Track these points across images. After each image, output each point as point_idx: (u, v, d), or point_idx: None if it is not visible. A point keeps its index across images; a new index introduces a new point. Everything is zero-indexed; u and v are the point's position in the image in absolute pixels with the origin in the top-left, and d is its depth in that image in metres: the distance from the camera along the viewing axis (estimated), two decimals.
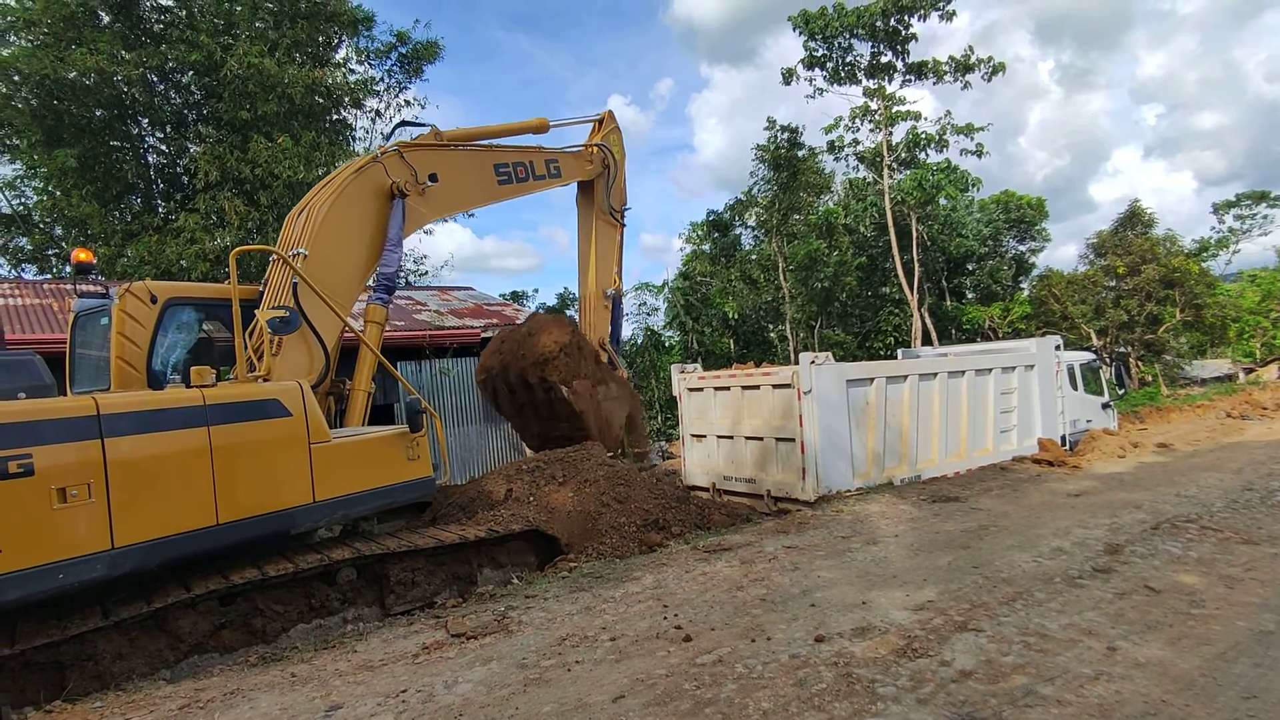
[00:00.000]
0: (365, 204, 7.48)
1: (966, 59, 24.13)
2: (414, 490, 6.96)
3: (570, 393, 9.33)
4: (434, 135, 8.57)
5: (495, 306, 18.56)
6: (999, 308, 32.28)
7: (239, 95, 15.02)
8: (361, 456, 6.44)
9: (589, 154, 10.45)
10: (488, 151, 9.09)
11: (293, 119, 15.86)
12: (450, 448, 14.83)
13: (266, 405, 5.76)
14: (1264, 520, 7.09)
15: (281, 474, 5.77)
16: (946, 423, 10.91)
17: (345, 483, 6.23)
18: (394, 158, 7.78)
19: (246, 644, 5.66)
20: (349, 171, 7.50)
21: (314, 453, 5.97)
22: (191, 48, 15.02)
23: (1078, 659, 4.07)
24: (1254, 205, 40.98)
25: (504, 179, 9.10)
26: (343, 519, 6.47)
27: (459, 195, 8.76)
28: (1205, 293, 31.99)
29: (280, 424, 5.80)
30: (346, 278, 7.28)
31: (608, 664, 4.44)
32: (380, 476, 6.56)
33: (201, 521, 5.26)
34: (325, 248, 7.02)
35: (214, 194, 14.50)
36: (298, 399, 5.96)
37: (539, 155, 9.65)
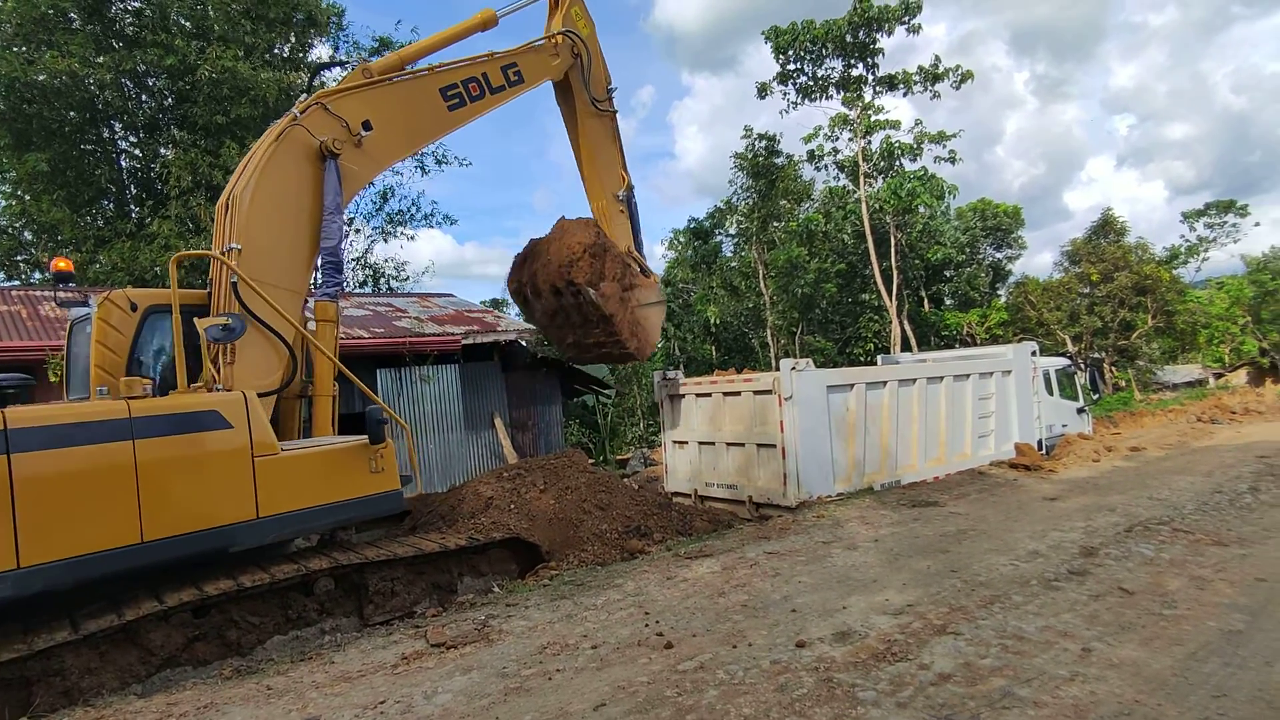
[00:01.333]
0: (293, 175, 6.65)
1: (935, 68, 24.53)
2: (378, 505, 6.59)
3: (598, 295, 8.73)
4: (362, 73, 7.54)
5: (476, 313, 18.48)
6: (977, 314, 32.72)
7: (213, 99, 14.84)
8: (316, 470, 6.11)
9: (553, 46, 8.98)
10: (430, 75, 7.89)
11: (267, 123, 15.72)
12: (431, 455, 14.72)
13: (203, 417, 5.49)
14: (1233, 522, 7.24)
15: (219, 489, 5.49)
16: (926, 428, 11.01)
17: (296, 497, 5.92)
18: (317, 113, 6.82)
19: (221, 656, 5.56)
20: (267, 142, 6.64)
21: (258, 466, 5.68)
22: (166, 51, 14.83)
23: (1054, 661, 4.12)
24: (1222, 214, 42.02)
25: (455, 102, 7.95)
26: (293, 535, 6.15)
27: (404, 136, 7.62)
28: (1176, 300, 32.69)
29: (218, 436, 5.52)
30: (291, 263, 6.61)
31: (589, 672, 4.42)
32: (338, 490, 6.23)
33: (123, 540, 5.02)
34: (259, 235, 6.35)
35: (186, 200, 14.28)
36: (239, 410, 5.67)
37: (492, 64, 8.31)
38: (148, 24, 15.56)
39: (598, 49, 9.70)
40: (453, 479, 13.43)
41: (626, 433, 27.25)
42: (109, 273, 15.60)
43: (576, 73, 9.28)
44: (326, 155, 6.78)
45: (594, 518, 8.32)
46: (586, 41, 9.37)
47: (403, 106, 7.58)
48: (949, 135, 25.84)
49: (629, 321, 9.28)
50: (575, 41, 9.18)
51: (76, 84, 15.28)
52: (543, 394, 17.46)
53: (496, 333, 15.98)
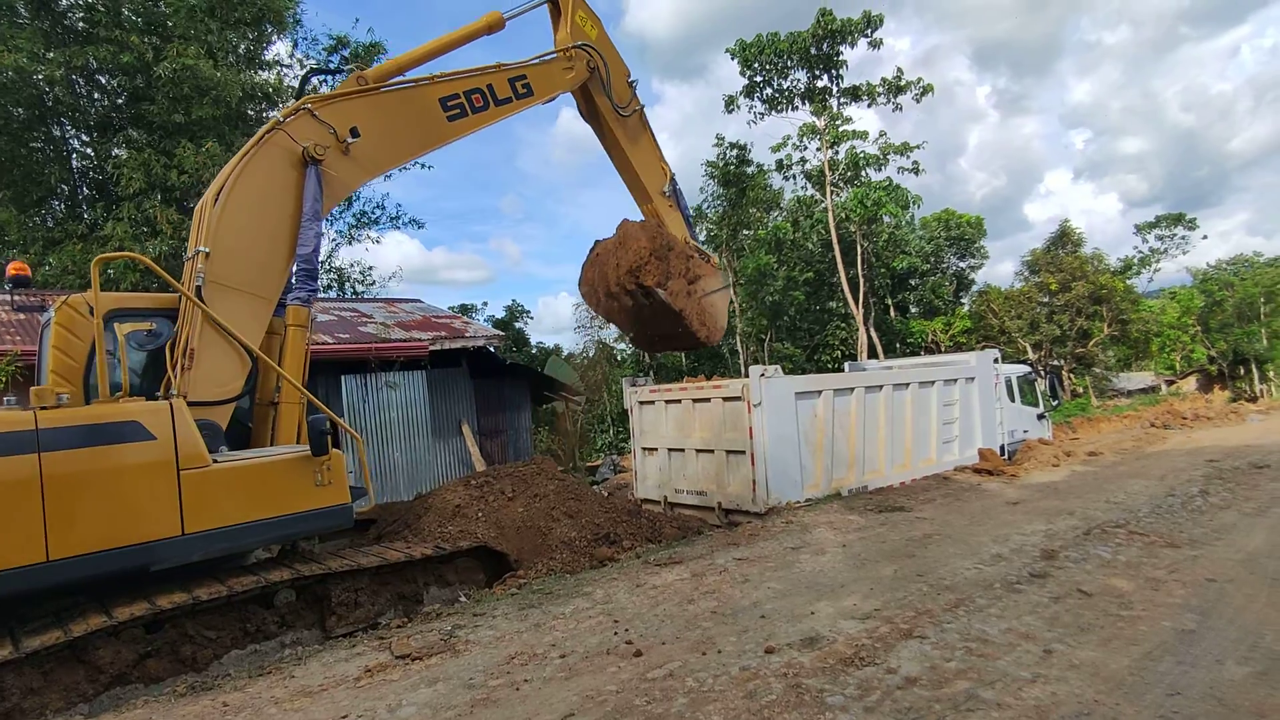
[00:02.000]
0: (273, 180, 6.51)
1: (897, 81, 25.08)
2: (323, 520, 6.23)
3: (667, 295, 8.94)
4: (354, 80, 7.31)
5: (444, 319, 18.27)
6: (941, 322, 33.39)
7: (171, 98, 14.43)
8: (252, 483, 5.78)
9: (566, 58, 8.71)
10: (429, 84, 7.64)
11: (229, 124, 15.35)
12: (397, 463, 14.49)
13: (122, 428, 5.18)
14: (1185, 524, 7.46)
15: (139, 504, 5.19)
16: (892, 434, 11.17)
17: (228, 513, 5.60)
18: (303, 118, 6.70)
19: (174, 673, 5.36)
20: (249, 146, 6.58)
21: (185, 480, 5.37)
22: (120, 48, 14.40)
23: (1016, 663, 4.19)
24: (1172, 227, 43.59)
25: (455, 113, 7.73)
26: (225, 553, 5.82)
27: (395, 144, 7.44)
28: (1130, 309, 33.78)
29: (139, 448, 5.20)
30: (263, 269, 6.40)
31: (557, 682, 4.37)
32: (278, 505, 5.89)
33: (26, 558, 4.72)
34: (230, 239, 6.19)
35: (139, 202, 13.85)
36: (163, 420, 5.35)
37: (499, 74, 8.10)
38: (100, 20, 15.10)
39: (610, 49, 9.40)
40: (420, 487, 13.22)
41: (596, 439, 27.17)
42: (59, 275, 15.07)
43: (596, 83, 9.05)
44: (308, 161, 6.63)
45: (563, 525, 8.26)
46: (600, 48, 9.10)
47: (396, 115, 7.38)
48: (913, 147, 26.41)
49: (697, 312, 9.43)
50: (591, 55, 8.95)
51: (24, 80, 14.76)
52: (511, 400, 17.32)
53: (465, 339, 15.81)
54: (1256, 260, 47.24)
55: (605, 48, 9.22)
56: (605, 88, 9.10)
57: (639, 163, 9.69)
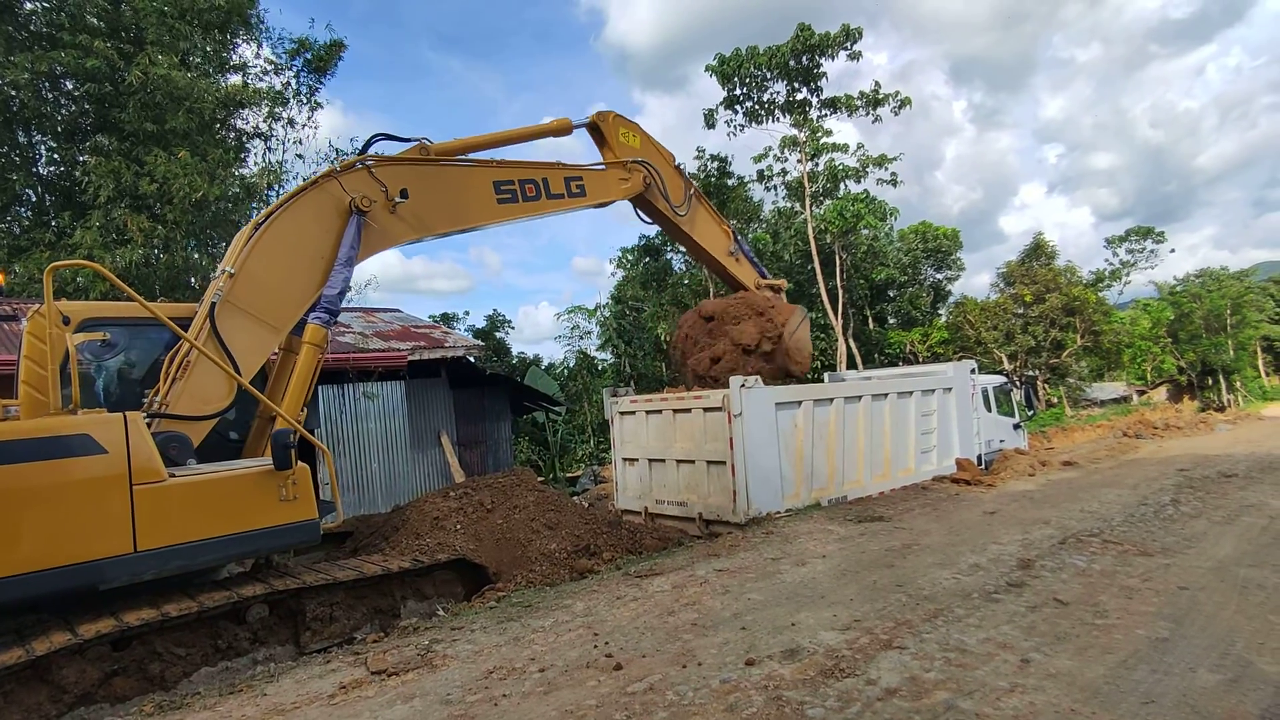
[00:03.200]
0: (316, 221, 6.86)
1: (876, 94, 25.45)
2: (287, 536, 6.03)
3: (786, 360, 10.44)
4: (419, 150, 7.69)
5: (423, 329, 18.14)
6: (919, 333, 33.78)
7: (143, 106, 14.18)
8: (211, 498, 5.59)
9: (623, 171, 9.22)
10: (489, 166, 8.07)
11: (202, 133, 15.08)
12: (375, 475, 14.32)
13: (69, 442, 4.96)
14: (1157, 533, 7.58)
15: (88, 521, 4.99)
16: (871, 444, 11.25)
17: (185, 529, 5.40)
18: (360, 174, 7.13)
19: (142, 692, 5.22)
20: (301, 186, 7.06)
21: (138, 495, 5.16)
22: (86, 53, 14.12)
23: (994, 672, 4.21)
24: (1141, 240, 44.61)
25: (507, 197, 8.11)
26: (181, 571, 5.59)
27: (443, 213, 7.75)
28: (1102, 320, 34.45)
29: (89, 463, 5.00)
30: (284, 298, 6.62)
31: (536, 696, 4.31)
32: (238, 521, 5.68)
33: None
34: (258, 267, 6.45)
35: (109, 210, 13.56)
36: (116, 433, 5.13)
37: (557, 171, 8.54)
38: (64, 24, 14.81)
39: (654, 150, 9.83)
40: (398, 498, 13.07)
41: (577, 450, 27.06)
42: (24, 284, 14.72)
43: (654, 192, 9.51)
44: (353, 211, 6.96)
45: (543, 537, 8.19)
46: (647, 154, 9.56)
47: (449, 187, 7.76)
48: (890, 159, 26.77)
49: (795, 351, 10.60)
50: (648, 170, 9.41)
51: None
52: (491, 411, 17.21)
53: (444, 349, 15.70)
54: (1223, 274, 48.49)
55: (650, 153, 9.65)
56: (663, 192, 9.58)
57: (704, 240, 10.38)
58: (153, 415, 5.70)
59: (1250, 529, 7.64)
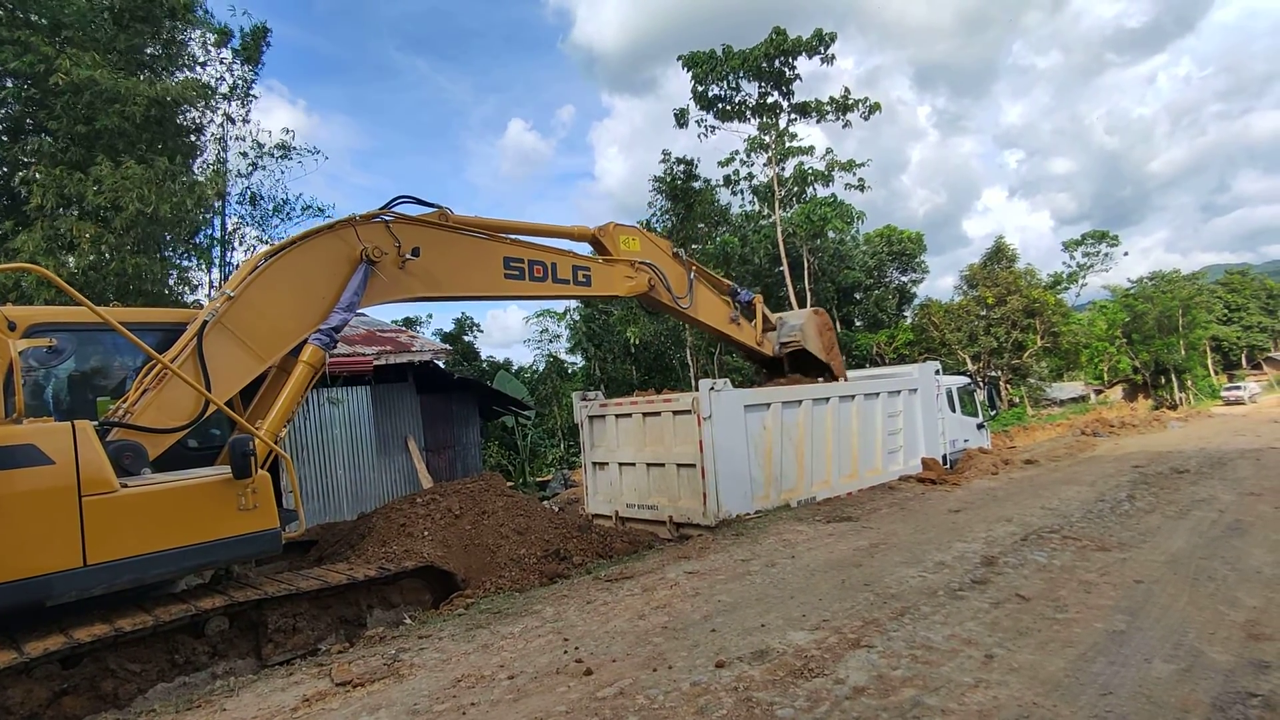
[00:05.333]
0: (325, 264, 7.01)
1: (845, 99, 25.82)
2: (247, 546, 5.83)
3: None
4: (439, 216, 7.91)
5: (389, 333, 17.87)
6: (885, 335, 34.32)
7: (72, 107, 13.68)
8: (166, 509, 5.39)
9: (630, 270, 9.63)
10: (501, 243, 8.34)
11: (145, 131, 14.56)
12: (340, 481, 14.05)
13: (14, 452, 4.77)
14: (1114, 528, 7.80)
15: (33, 534, 4.78)
16: (839, 445, 11.38)
17: (138, 541, 5.19)
18: (378, 227, 7.35)
19: (94, 710, 5.03)
20: (321, 227, 7.22)
21: (87, 507, 4.96)
22: (25, 49, 13.57)
23: (959, 668, 4.28)
24: (1097, 244, 45.96)
25: (514, 274, 8.39)
26: (134, 584, 5.38)
27: (448, 278, 7.95)
28: (1061, 321, 35.37)
29: (34, 474, 4.80)
30: (276, 331, 6.64)
31: (505, 704, 4.26)
32: (195, 532, 5.48)
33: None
34: (260, 296, 6.52)
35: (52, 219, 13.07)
36: (64, 443, 4.94)
37: (566, 259, 8.91)
38: (3, 20, 14.24)
39: (652, 245, 10.18)
40: (364, 506, 12.84)
41: (547, 454, 26.91)
42: None
43: (659, 289, 9.96)
44: (364, 260, 7.13)
45: (512, 542, 8.12)
46: (648, 255, 9.94)
47: (460, 255, 8.02)
48: (858, 164, 27.16)
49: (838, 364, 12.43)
50: (652, 274, 9.83)
51: None
52: (459, 415, 17.03)
53: (411, 353, 15.48)
54: (1175, 276, 50.19)
55: (650, 250, 10.04)
56: (666, 287, 10.00)
57: (708, 318, 10.83)
58: (106, 425, 5.52)
59: (1201, 523, 7.90)
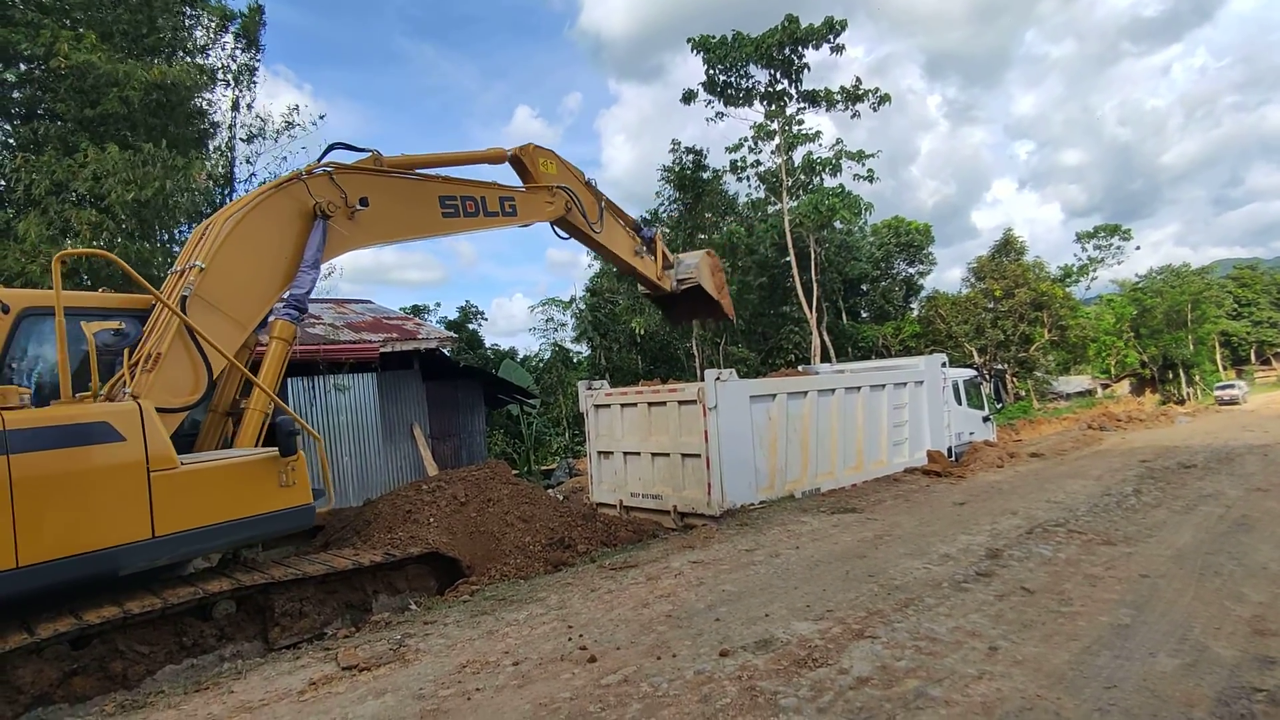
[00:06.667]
0: (282, 222, 7.07)
1: (856, 89, 25.59)
2: (287, 520, 6.22)
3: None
4: (374, 161, 8.12)
5: (395, 320, 17.89)
6: (891, 327, 34.19)
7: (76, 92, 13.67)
8: (220, 484, 5.75)
9: (549, 195, 10.02)
10: (434, 181, 8.64)
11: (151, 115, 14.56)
12: (347, 468, 14.10)
13: (90, 429, 5.04)
14: (1120, 523, 7.77)
15: (108, 507, 5.07)
16: (844, 437, 11.36)
17: (197, 514, 5.53)
18: (323, 179, 7.42)
19: (103, 691, 5.08)
20: (269, 187, 7.25)
21: (154, 481, 5.27)
22: (36, 30, 13.57)
23: (963, 660, 4.28)
24: (1109, 237, 45.55)
25: (450, 212, 8.69)
26: (194, 555, 5.75)
27: (395, 223, 8.22)
28: (1069, 315, 35.17)
29: (108, 450, 5.08)
30: (249, 295, 6.79)
31: (510, 690, 4.29)
32: (244, 506, 5.85)
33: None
34: (228, 262, 6.56)
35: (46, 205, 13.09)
36: (134, 421, 5.25)
37: (493, 191, 9.28)
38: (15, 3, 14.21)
39: (568, 171, 10.50)
40: (370, 492, 12.90)
41: (551, 443, 26.96)
42: None
43: (575, 214, 10.31)
44: (319, 215, 7.25)
45: (517, 530, 8.14)
46: (564, 179, 10.31)
47: (401, 198, 8.25)
48: (868, 155, 26.94)
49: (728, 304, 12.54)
50: (570, 196, 10.17)
51: None
52: (465, 403, 17.05)
53: (417, 340, 15.50)
54: (1185, 270, 49.77)
55: (566, 175, 10.41)
56: (581, 212, 10.35)
57: (616, 248, 11.10)
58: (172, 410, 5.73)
59: (1208, 518, 7.87)
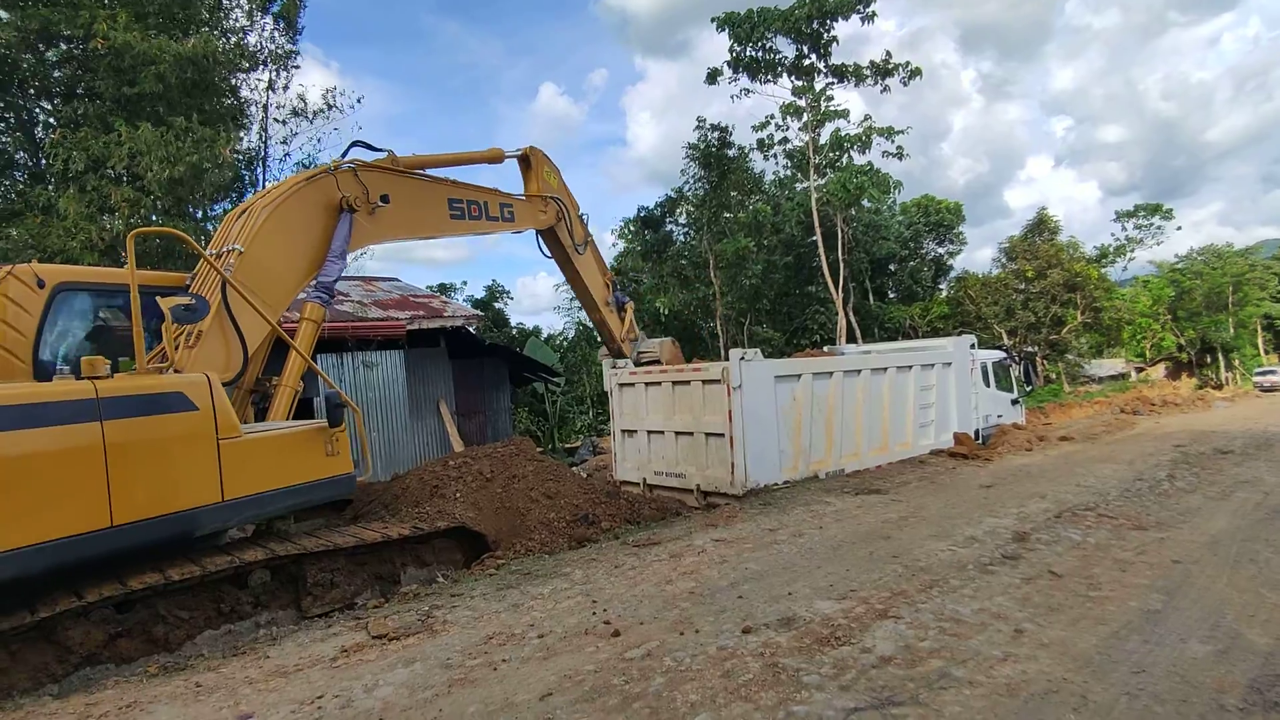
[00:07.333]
0: (311, 212, 7.44)
1: (886, 63, 24.96)
2: (333, 488, 6.67)
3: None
4: (390, 160, 8.62)
5: (422, 298, 18.06)
6: (919, 307, 33.69)
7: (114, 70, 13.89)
8: (276, 453, 6.12)
9: (542, 204, 10.66)
10: (444, 184, 9.23)
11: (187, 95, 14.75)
12: (374, 443, 14.36)
13: (169, 398, 5.38)
14: (1152, 508, 7.64)
15: (185, 472, 5.43)
16: (869, 418, 11.28)
17: (257, 480, 5.89)
18: (348, 175, 7.84)
19: (146, 653, 5.27)
20: (299, 179, 7.58)
21: (223, 449, 5.63)
22: (75, 10, 13.78)
23: (988, 642, 4.27)
24: (1149, 216, 44.20)
25: (457, 214, 9.27)
26: (254, 519, 6.15)
27: (410, 221, 8.77)
28: (1103, 296, 34.35)
29: (184, 418, 5.43)
30: (281, 281, 7.14)
31: (535, 662, 4.37)
32: (296, 474, 6.25)
33: (94, 524, 4.86)
34: (262, 249, 6.88)
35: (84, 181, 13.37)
36: (204, 392, 5.59)
37: (494, 197, 9.91)
38: None
39: (568, 193, 11.16)
40: (397, 467, 13.13)
41: (575, 421, 27.15)
42: (19, 250, 14.58)
43: (561, 227, 10.96)
44: (345, 208, 7.66)
45: (541, 506, 8.24)
46: (561, 195, 10.94)
47: (415, 198, 8.79)
48: (897, 131, 26.37)
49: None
50: (561, 207, 10.83)
51: None
52: (490, 381, 17.23)
53: (443, 318, 15.66)
54: (1227, 251, 48.16)
55: (564, 194, 11.08)
56: (568, 229, 11.08)
57: (590, 284, 11.59)
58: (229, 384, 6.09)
59: (1244, 504, 7.70)
